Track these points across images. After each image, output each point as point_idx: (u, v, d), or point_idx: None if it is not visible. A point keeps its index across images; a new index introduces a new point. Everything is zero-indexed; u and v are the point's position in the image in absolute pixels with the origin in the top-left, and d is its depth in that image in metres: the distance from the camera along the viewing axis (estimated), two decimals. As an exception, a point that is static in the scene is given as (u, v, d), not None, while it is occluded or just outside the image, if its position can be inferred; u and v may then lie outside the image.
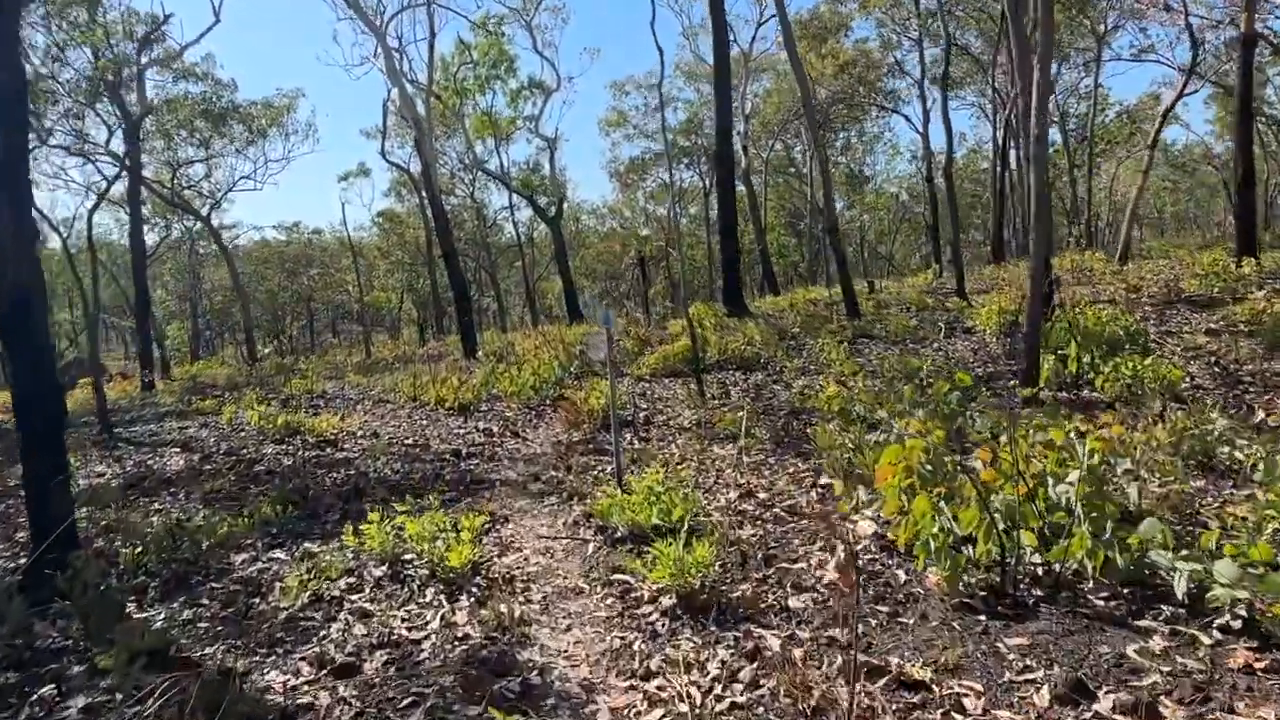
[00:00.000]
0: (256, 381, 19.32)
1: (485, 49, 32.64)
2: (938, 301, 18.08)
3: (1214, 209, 69.08)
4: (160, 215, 32.03)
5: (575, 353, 15.09)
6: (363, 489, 7.05)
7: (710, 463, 6.77)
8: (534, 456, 7.90)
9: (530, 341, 17.81)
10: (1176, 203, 68.33)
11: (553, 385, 11.16)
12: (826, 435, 6.53)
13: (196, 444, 10.63)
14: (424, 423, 10.49)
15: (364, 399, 13.83)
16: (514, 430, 9.28)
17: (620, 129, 48.66)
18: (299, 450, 9.32)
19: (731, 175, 20.46)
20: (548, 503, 6.15)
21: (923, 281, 24.70)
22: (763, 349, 13.28)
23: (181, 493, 7.62)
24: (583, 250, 58.84)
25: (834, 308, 20.88)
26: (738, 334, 15.15)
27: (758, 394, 9.92)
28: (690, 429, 8.28)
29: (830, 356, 11.48)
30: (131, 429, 13.19)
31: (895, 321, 13.98)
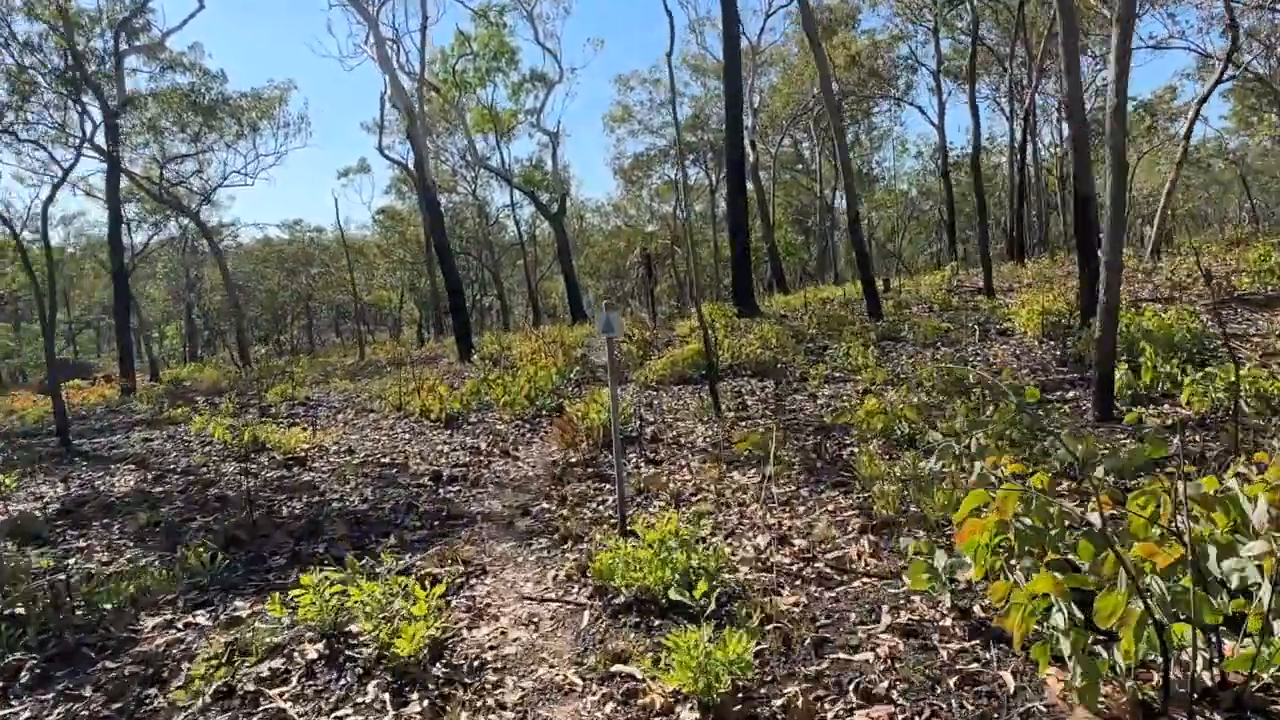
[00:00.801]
0: (240, 387, 18.30)
1: (485, 40, 31.59)
2: (963, 301, 16.98)
3: (1227, 205, 67.70)
4: (151, 212, 30.98)
5: (576, 357, 14.03)
6: (321, 524, 5.99)
7: (731, 494, 5.69)
8: (524, 481, 6.83)
9: (528, 344, 16.75)
10: (1189, 199, 66.96)
11: (550, 394, 10.09)
12: (871, 463, 5.45)
13: (155, 460, 9.59)
14: (406, 436, 9.43)
15: (348, 407, 12.80)
16: (504, 448, 8.21)
17: (625, 124, 47.61)
18: (262, 470, 8.27)
19: (741, 161, 19.36)
20: (536, 547, 5.08)
21: (940, 279, 23.54)
22: (779, 353, 12.19)
23: (117, 525, 6.57)
24: (586, 249, 57.79)
25: (850, 306, 19.80)
26: (751, 336, 14.07)
27: (778, 405, 8.83)
28: (705, 448, 7.20)
29: (857, 362, 10.39)
30: (95, 440, 12.18)
31: (923, 322, 12.86)
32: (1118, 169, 6.46)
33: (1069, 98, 10.71)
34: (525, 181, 36.18)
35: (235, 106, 25.26)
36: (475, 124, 35.53)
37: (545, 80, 32.71)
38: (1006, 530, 3.47)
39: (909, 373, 9.70)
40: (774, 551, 4.49)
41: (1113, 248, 6.49)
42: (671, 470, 6.56)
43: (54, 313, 11.25)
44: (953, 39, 34.28)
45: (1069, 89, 10.62)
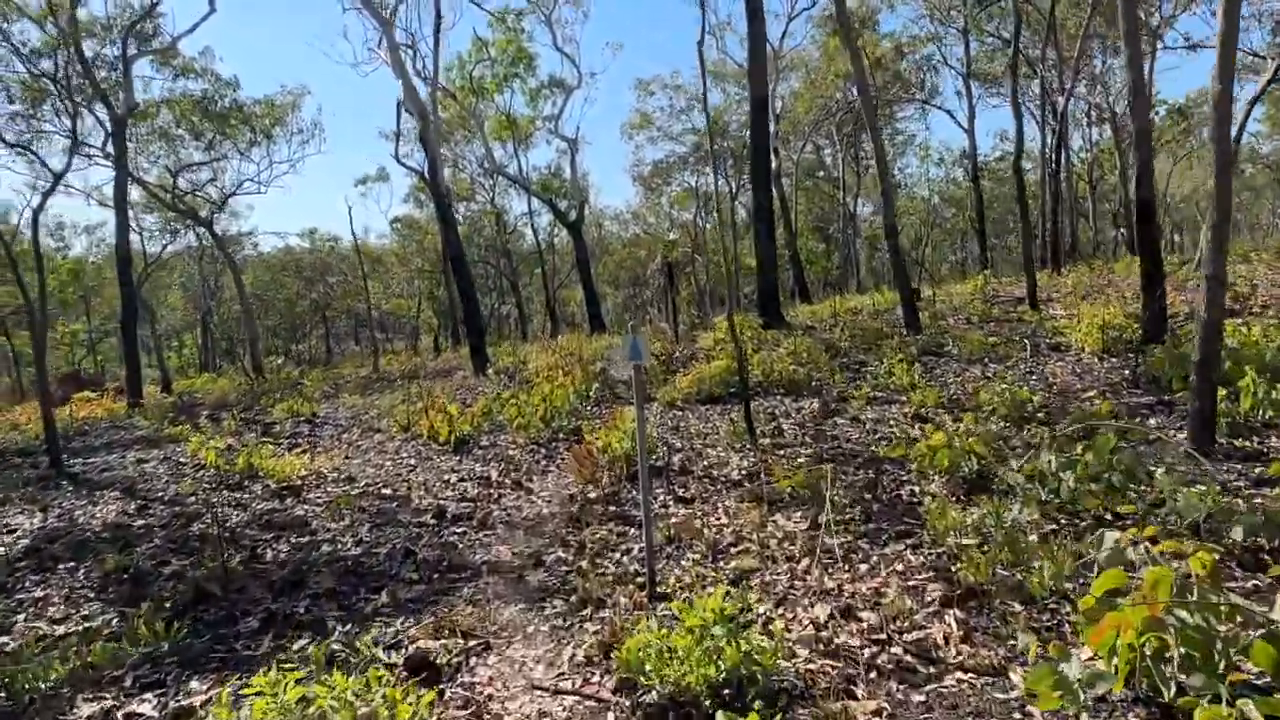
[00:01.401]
0: (249, 400, 17.72)
1: (503, 46, 31.08)
2: (1004, 312, 16.07)
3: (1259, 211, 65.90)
4: (170, 222, 30.68)
5: (594, 371, 13.28)
6: (306, 573, 5.25)
7: (776, 544, 4.89)
8: (538, 521, 6.06)
9: (545, 357, 16.02)
10: (1229, 205, 65.26)
11: (567, 414, 9.33)
12: (944, 513, 4.62)
13: (143, 486, 8.93)
14: (411, 462, 8.69)
15: (354, 425, 12.12)
16: (516, 478, 7.45)
17: (644, 131, 46.97)
18: (253, 501, 7.57)
19: (767, 164, 18.52)
20: (550, 612, 4.30)
21: (972, 288, 22.59)
22: (813, 370, 11.37)
23: (84, 568, 5.87)
24: (605, 257, 57.16)
25: (882, 317, 18.90)
26: (780, 350, 13.25)
27: (817, 431, 8.01)
28: (740, 482, 6.40)
29: (900, 380, 9.54)
30: (89, 459, 11.57)
31: (967, 336, 11.98)
32: (1223, 166, 5.59)
33: (1131, 90, 9.85)
34: (543, 189, 35.59)
35: (248, 113, 24.82)
36: (493, 131, 35.00)
37: (563, 86, 32.13)
38: (1159, 628, 2.65)
39: (958, 392, 8.84)
40: (838, 628, 3.68)
41: (1215, 258, 5.64)
42: (705, 511, 5.76)
43: (44, 326, 10.66)
44: (981, 41, 33.34)
45: (1131, 80, 9.77)
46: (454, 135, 39.30)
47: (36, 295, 10.63)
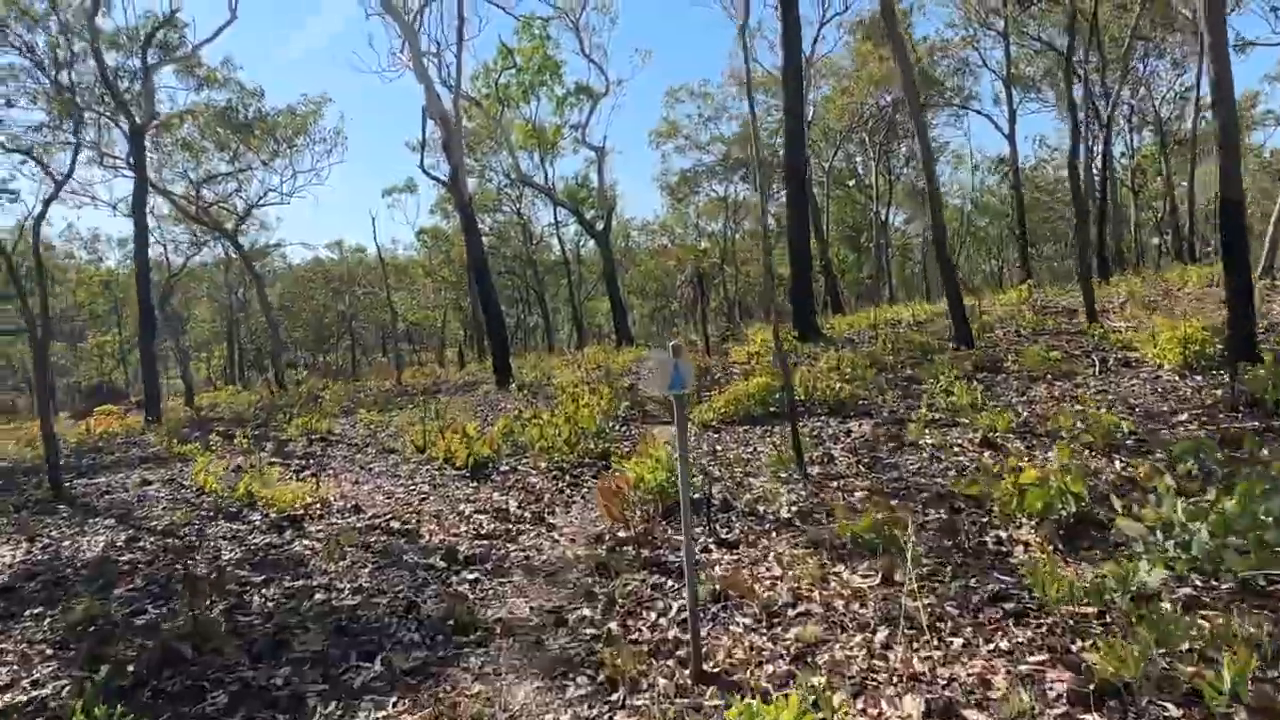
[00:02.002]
0: (265, 416, 17.22)
1: (529, 54, 30.61)
2: (1058, 323, 15.09)
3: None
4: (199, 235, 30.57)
5: (623, 388, 12.53)
6: (293, 630, 4.54)
7: (844, 606, 4.08)
8: (561, 566, 5.30)
9: (571, 372, 15.32)
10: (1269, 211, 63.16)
11: (594, 436, 8.58)
12: (1053, 577, 3.78)
13: (140, 512, 8.32)
14: (425, 489, 7.99)
15: (369, 444, 11.48)
16: (538, 510, 6.70)
17: (671, 140, 46.35)
18: (250, 533, 6.91)
19: (802, 170, 17.79)
20: (573, 695, 3.53)
21: (1016, 298, 21.54)
22: (859, 386, 10.53)
23: (50, 617, 5.22)
24: (632, 268, 56.56)
25: (923, 328, 17.97)
26: (821, 365, 12.42)
27: (872, 459, 7.18)
28: (791, 521, 5.60)
29: (960, 400, 8.67)
30: (94, 480, 11.06)
31: (1026, 350, 11.06)
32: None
33: (1214, 83, 8.92)
34: (570, 198, 35.06)
35: (271, 123, 24.54)
36: (519, 140, 34.57)
37: (590, 93, 31.59)
38: None
39: (1028, 414, 7.94)
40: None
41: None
42: (753, 558, 4.96)
43: (47, 340, 10.15)
44: (1021, 44, 32.25)
45: (1215, 73, 8.83)
46: (480, 145, 38.99)
47: (39, 310, 10.07)
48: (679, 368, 3.30)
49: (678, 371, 3.31)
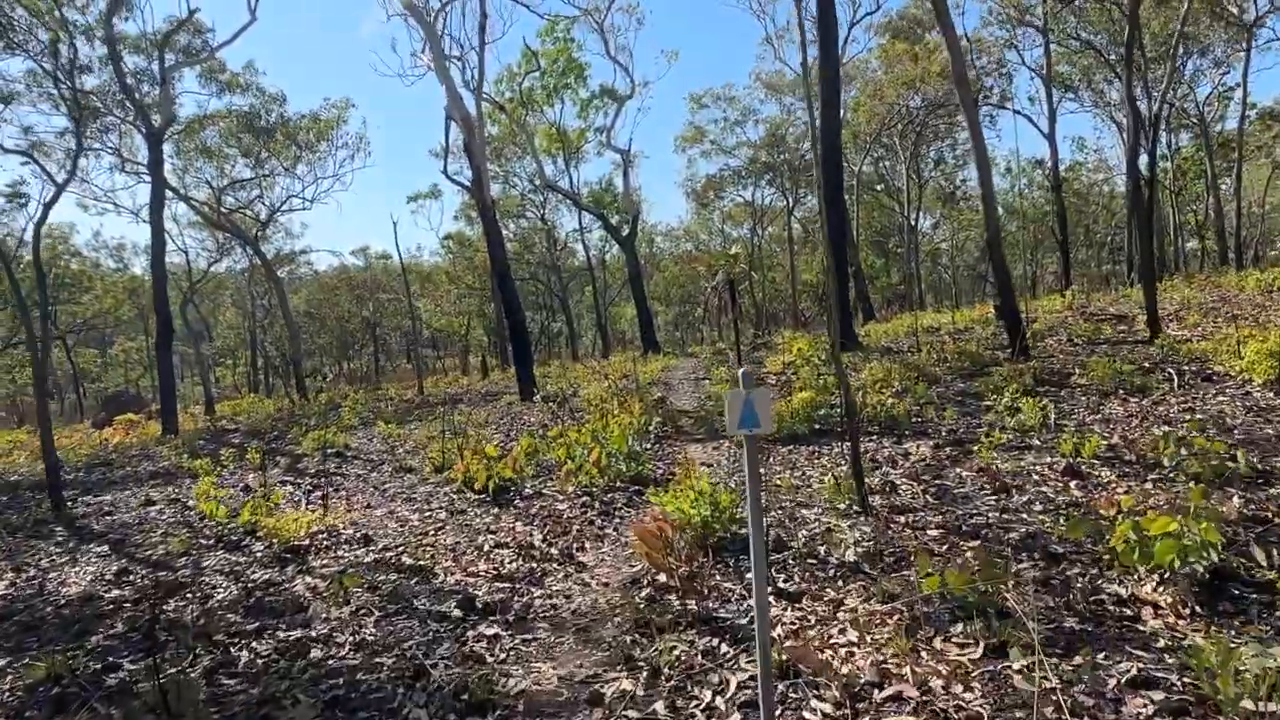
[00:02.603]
0: (282, 428, 16.71)
1: (553, 56, 30.11)
2: (1116, 332, 14.16)
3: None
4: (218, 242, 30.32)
5: (653, 400, 11.81)
6: (279, 700, 3.86)
7: (944, 689, 3.32)
8: (593, 620, 4.58)
9: (598, 384, 14.63)
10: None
11: (626, 457, 7.85)
12: (1221, 662, 2.99)
13: (136, 539, 7.74)
14: (441, 516, 7.32)
15: (386, 461, 10.86)
16: (566, 545, 5.99)
17: (697, 145, 45.65)
18: (249, 567, 6.27)
19: (839, 169, 17.00)
20: (614, 811, 2.81)
21: (1060, 304, 20.56)
22: (910, 401, 9.73)
23: (12, 673, 4.59)
24: (656, 274, 55.92)
25: (966, 336, 17.10)
26: (863, 376, 11.63)
27: (939, 488, 6.39)
28: (859, 566, 4.83)
29: (1030, 419, 7.85)
30: (99, 497, 10.56)
31: (1095, 364, 10.18)
32: None
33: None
34: (595, 203, 34.46)
35: (293, 128, 24.17)
36: (543, 145, 34.07)
37: (615, 96, 30.99)
38: None
39: (1111, 435, 7.10)
40: None
41: None
42: (821, 615, 4.21)
43: (46, 348, 9.63)
44: (1060, 43, 31.11)
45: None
46: (504, 151, 38.57)
47: (37, 315, 9.56)
48: (750, 403, 2.58)
49: (750, 407, 2.58)
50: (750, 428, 2.59)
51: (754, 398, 2.57)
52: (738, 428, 2.59)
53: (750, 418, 2.58)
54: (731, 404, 2.58)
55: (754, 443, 2.66)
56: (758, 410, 2.57)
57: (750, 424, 2.58)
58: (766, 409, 2.58)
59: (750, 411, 2.57)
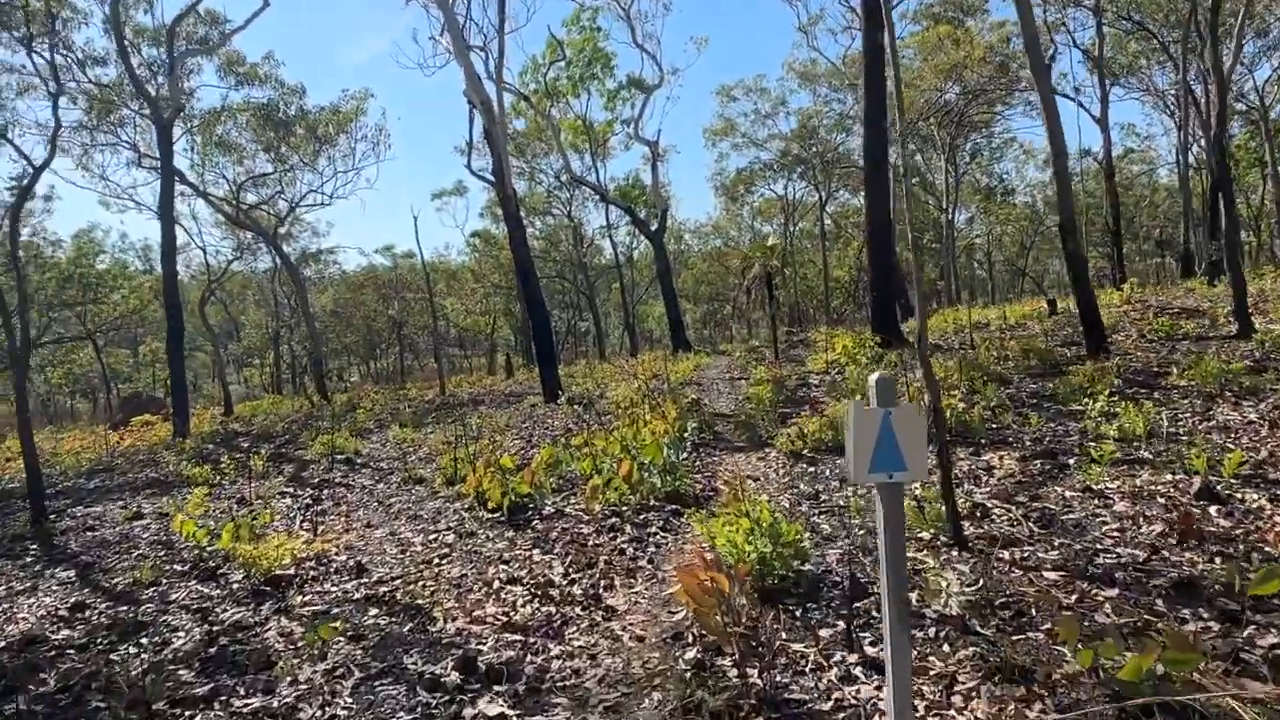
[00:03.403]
0: (297, 429, 15.94)
1: (579, 46, 29.16)
2: (1198, 327, 12.86)
3: None
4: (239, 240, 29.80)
5: (686, 403, 10.77)
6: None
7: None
8: (623, 697, 3.56)
9: (625, 384, 13.63)
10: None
11: (660, 472, 6.83)
12: None
13: (110, 560, 6.89)
14: (449, 539, 6.35)
15: (395, 470, 9.96)
16: (590, 584, 4.97)
17: (727, 138, 44.45)
18: (220, 604, 5.35)
19: (884, 154, 15.85)
20: None
21: (1118, 299, 19.17)
22: (982, 405, 8.59)
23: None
24: (684, 271, 54.81)
25: (1019, 330, 15.87)
26: (918, 375, 10.46)
27: (1040, 510, 5.28)
28: (964, 621, 3.76)
29: (1135, 427, 6.69)
30: (88, 508, 9.78)
31: (1200, 363, 8.95)
32: None
33: None
34: (623, 197, 33.43)
35: (313, 121, 23.47)
36: (569, 139, 33.13)
37: (643, 86, 29.95)
38: None
39: (1252, 447, 5.93)
40: None
41: None
42: (929, 699, 3.15)
43: (27, 347, 8.85)
44: (1112, 26, 29.47)
45: None
46: (530, 146, 37.74)
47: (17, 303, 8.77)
48: (893, 428, 1.54)
49: (890, 437, 1.54)
50: (891, 471, 1.56)
51: (897, 421, 1.53)
52: (871, 471, 1.55)
53: (890, 454, 1.54)
54: (859, 430, 1.56)
55: (897, 499, 1.63)
56: (903, 441, 1.54)
57: (891, 465, 1.56)
58: (919, 439, 1.55)
59: (890, 444, 1.54)
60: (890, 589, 1.71)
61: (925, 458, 1.69)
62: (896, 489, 1.65)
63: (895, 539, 1.68)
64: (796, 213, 50.60)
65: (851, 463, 1.63)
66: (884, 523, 1.67)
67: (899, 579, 1.70)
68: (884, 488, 1.65)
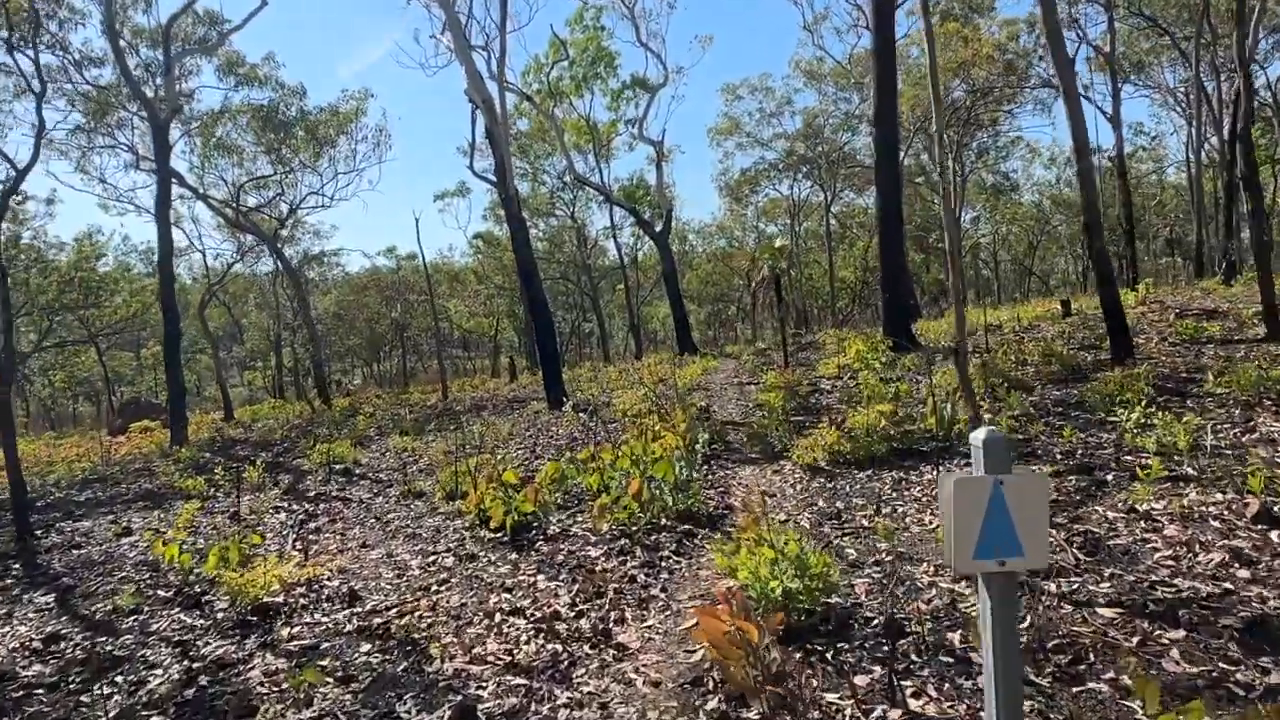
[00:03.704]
0: (296, 436, 15.61)
1: (582, 45, 28.82)
2: (1224, 330, 12.47)
3: None
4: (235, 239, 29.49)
5: (696, 410, 10.41)
6: None
7: None
8: (641, 749, 3.20)
9: (631, 389, 13.27)
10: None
11: (673, 488, 6.46)
12: None
13: (93, 583, 6.55)
14: (448, 562, 6.00)
15: (395, 481, 9.61)
16: (601, 616, 4.61)
17: (732, 137, 44.09)
18: (203, 636, 5.00)
19: (895, 151, 15.49)
20: None
21: (1132, 299, 18.75)
22: (1006, 414, 8.21)
23: None
24: (689, 272, 54.42)
25: (1032, 332, 15.48)
26: (937, 382, 10.11)
27: (1084, 534, 4.90)
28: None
29: (1177, 439, 6.31)
30: (78, 523, 9.43)
31: (1240, 369, 8.56)
32: None
33: None
34: (627, 198, 33.07)
35: (313, 122, 23.14)
36: (573, 140, 32.77)
37: (647, 85, 29.59)
38: None
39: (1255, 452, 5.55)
40: None
41: None
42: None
43: (11, 354, 8.52)
44: (1123, 21, 29.04)
45: None
46: (533, 147, 37.41)
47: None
48: (1005, 500, 1.17)
49: (1003, 510, 1.17)
50: (1003, 556, 1.19)
51: (1011, 493, 1.16)
52: (978, 556, 1.19)
53: (1002, 534, 1.17)
54: (961, 506, 1.19)
55: (1009, 591, 1.26)
56: (1019, 518, 1.17)
57: (1003, 548, 1.18)
58: (1039, 513, 1.18)
59: (1003, 521, 1.17)
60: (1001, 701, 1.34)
61: (1046, 536, 1.32)
62: (1009, 580, 1.28)
63: (1006, 644, 1.31)
64: (801, 213, 50.19)
65: (951, 546, 1.26)
66: (990, 622, 1.30)
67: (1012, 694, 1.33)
68: (991, 577, 1.29)
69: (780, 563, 4.09)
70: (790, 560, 4.07)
